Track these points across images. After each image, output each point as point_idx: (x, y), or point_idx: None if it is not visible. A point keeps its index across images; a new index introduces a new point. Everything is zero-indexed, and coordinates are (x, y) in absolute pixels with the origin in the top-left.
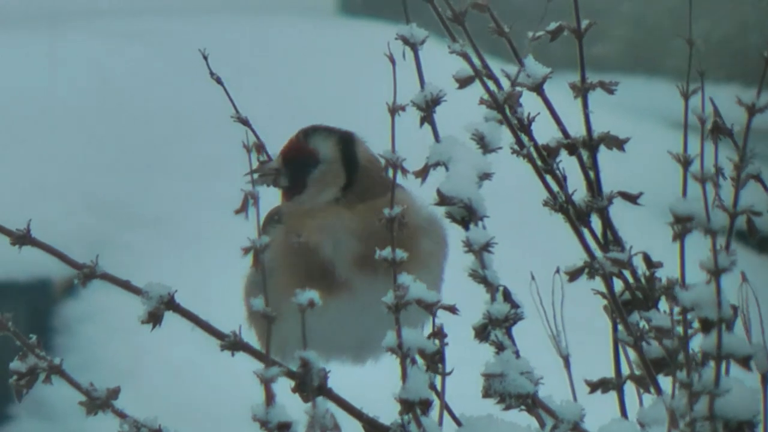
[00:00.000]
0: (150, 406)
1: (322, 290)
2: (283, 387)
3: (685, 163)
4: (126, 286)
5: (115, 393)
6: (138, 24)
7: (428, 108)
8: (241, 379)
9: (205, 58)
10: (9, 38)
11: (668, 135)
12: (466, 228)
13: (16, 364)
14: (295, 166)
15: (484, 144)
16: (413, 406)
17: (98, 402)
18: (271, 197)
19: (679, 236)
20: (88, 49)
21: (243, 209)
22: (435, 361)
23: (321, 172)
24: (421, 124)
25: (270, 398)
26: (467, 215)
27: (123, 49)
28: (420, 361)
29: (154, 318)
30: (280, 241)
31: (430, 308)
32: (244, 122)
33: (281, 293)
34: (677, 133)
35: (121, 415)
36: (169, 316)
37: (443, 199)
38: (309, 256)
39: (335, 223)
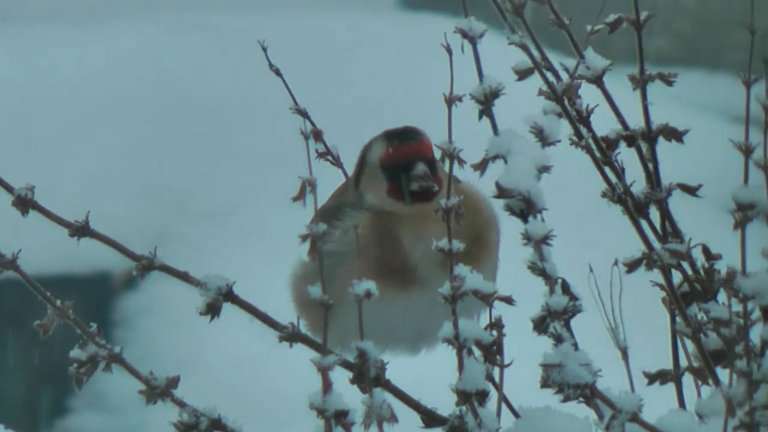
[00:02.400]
0: (209, 397)
1: (397, 283)
2: (341, 377)
3: (747, 151)
4: (184, 277)
5: (174, 382)
6: (200, 17)
7: (487, 101)
8: (299, 371)
9: (264, 49)
10: (71, 31)
11: (728, 129)
12: (525, 220)
13: (76, 353)
14: (431, 169)
15: (542, 137)
16: (470, 397)
17: (158, 390)
18: (328, 185)
19: (741, 224)
20: (150, 41)
21: (301, 197)
22: (493, 352)
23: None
24: (480, 117)
25: (327, 386)
26: (526, 208)
27: (185, 41)
28: (477, 352)
29: (212, 309)
30: (364, 228)
31: (487, 299)
32: (303, 114)
33: (351, 281)
34: (737, 127)
35: (181, 404)
36: (229, 308)
37: (502, 192)
38: (395, 251)
39: (433, 230)
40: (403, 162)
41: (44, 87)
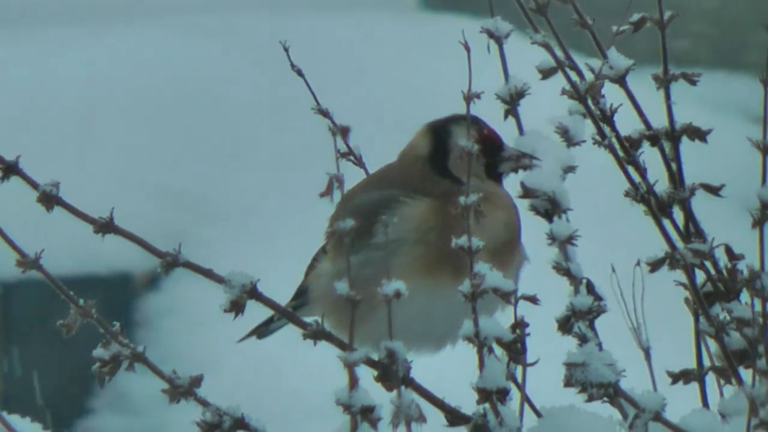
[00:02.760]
0: (231, 398)
1: (449, 274)
2: (366, 375)
3: (765, 150)
4: (208, 274)
5: (197, 381)
6: (216, 19)
7: (512, 101)
8: (320, 370)
9: (286, 50)
10: (82, 34)
11: (749, 129)
12: (550, 221)
13: (99, 352)
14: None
15: (567, 137)
16: (490, 395)
17: (181, 390)
18: (348, 185)
19: (759, 223)
20: (167, 44)
21: (328, 192)
22: (515, 351)
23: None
24: (506, 116)
25: (353, 383)
26: (551, 208)
27: (201, 44)
28: (499, 351)
29: (236, 307)
30: (422, 216)
31: (507, 297)
32: (324, 113)
33: (412, 272)
34: (758, 127)
35: (204, 402)
36: (249, 308)
37: (527, 192)
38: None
39: (498, 217)
40: (496, 143)
41: (57, 91)
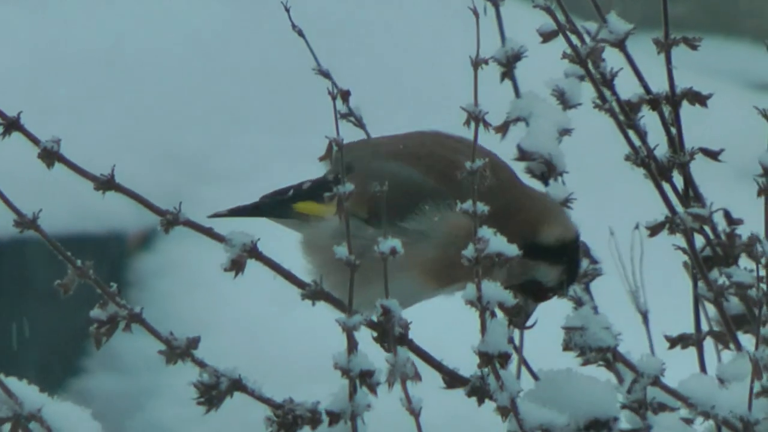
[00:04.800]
0: (225, 359)
1: (446, 282)
2: (363, 337)
3: None
4: (209, 233)
5: (195, 342)
6: None
7: (509, 64)
8: (319, 331)
9: (287, 9)
10: None
11: (746, 96)
12: (546, 183)
13: (96, 312)
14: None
15: (564, 100)
16: (492, 359)
17: (178, 351)
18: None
19: (765, 190)
20: (173, 4)
21: (327, 156)
22: (515, 314)
23: None
24: (502, 79)
25: (352, 347)
26: (547, 171)
27: (207, 4)
28: (500, 314)
29: (236, 266)
30: (456, 228)
31: (509, 262)
32: (326, 75)
33: (417, 267)
34: (755, 94)
35: (201, 364)
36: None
37: (523, 155)
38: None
39: None
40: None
41: (62, 49)
